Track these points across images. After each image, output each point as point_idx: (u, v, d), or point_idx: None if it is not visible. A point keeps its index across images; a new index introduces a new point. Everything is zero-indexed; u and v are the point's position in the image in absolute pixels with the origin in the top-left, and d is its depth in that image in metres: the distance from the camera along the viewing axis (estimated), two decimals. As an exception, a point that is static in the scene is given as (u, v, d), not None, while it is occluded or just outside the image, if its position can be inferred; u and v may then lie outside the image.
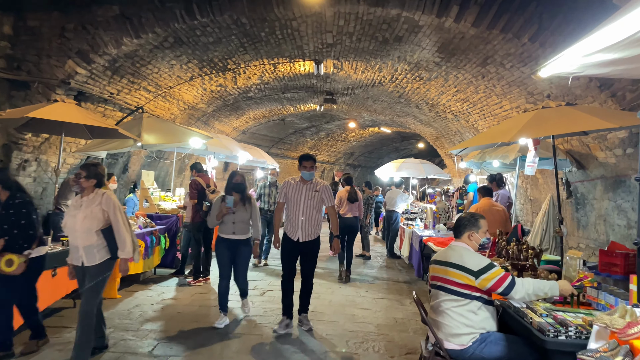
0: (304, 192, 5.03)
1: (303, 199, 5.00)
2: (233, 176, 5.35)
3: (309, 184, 5.11)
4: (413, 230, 8.18)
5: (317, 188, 5.09)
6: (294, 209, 5.02)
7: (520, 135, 4.81)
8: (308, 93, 12.59)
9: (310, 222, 5.03)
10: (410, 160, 13.61)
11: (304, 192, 5.04)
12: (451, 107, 10.38)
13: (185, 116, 11.29)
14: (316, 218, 5.10)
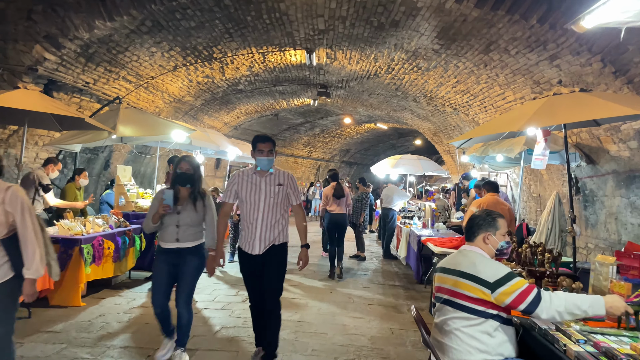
0: (264, 188, 3.71)
1: (263, 197, 3.70)
2: (178, 163, 3.92)
3: (269, 176, 3.75)
4: (410, 229, 7.68)
5: (280, 181, 3.78)
6: (250, 212, 3.70)
7: (530, 124, 4.31)
8: (301, 86, 12.07)
9: (273, 229, 3.74)
10: (408, 157, 13.09)
11: (264, 187, 3.71)
12: (450, 99, 9.88)
13: (171, 110, 10.74)
14: (281, 222, 3.82)
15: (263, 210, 3.70)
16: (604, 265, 2.65)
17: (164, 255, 3.85)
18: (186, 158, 3.95)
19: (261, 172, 3.77)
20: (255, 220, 3.70)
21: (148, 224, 3.86)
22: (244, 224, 3.78)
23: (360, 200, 9.30)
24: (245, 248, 3.75)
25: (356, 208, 9.25)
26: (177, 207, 3.80)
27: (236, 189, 3.77)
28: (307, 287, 6.54)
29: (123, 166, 7.59)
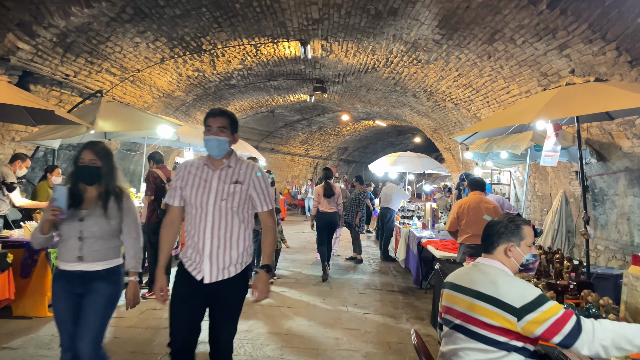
0: (215, 186, 2.64)
1: (212, 199, 2.63)
2: (79, 153, 2.85)
3: (225, 170, 2.68)
4: (410, 230, 7.28)
5: (238, 177, 2.67)
6: (196, 219, 2.65)
7: (542, 116, 3.91)
8: (296, 81, 11.65)
9: (231, 248, 2.64)
10: (407, 154, 12.68)
11: (215, 185, 2.64)
12: (451, 94, 9.47)
13: (160, 105, 10.33)
14: (243, 238, 2.70)
15: (213, 217, 2.59)
16: (638, 278, 2.23)
17: (62, 281, 2.74)
18: (91, 145, 2.86)
19: (214, 161, 2.68)
20: (203, 233, 2.59)
21: (35, 236, 2.75)
22: (189, 233, 2.68)
23: (356, 200, 8.88)
24: (189, 267, 2.62)
25: (352, 208, 8.83)
26: (81, 211, 2.73)
27: (180, 184, 2.71)
28: (297, 294, 6.10)
29: None
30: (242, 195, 2.67)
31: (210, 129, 2.65)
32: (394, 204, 8.69)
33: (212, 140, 2.63)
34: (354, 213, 8.69)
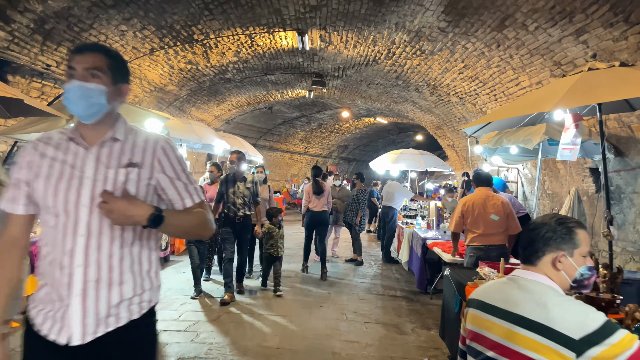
0: (90, 171, 1.57)
1: (88, 193, 1.54)
2: None
3: (109, 145, 1.62)
4: (413, 230, 6.85)
5: (132, 156, 1.62)
6: (57, 230, 1.54)
7: (563, 104, 3.48)
8: (294, 75, 11.23)
9: (115, 272, 1.56)
10: (409, 151, 12.25)
11: (90, 169, 1.57)
12: (456, 87, 9.04)
13: (153, 100, 9.91)
14: (137, 254, 1.61)
15: (88, 229, 1.53)
16: None
17: None
18: None
19: (86, 132, 1.63)
20: (70, 257, 1.52)
21: None
22: (42, 264, 1.60)
23: (356, 198, 8.43)
24: (42, 322, 1.54)
25: (351, 207, 8.40)
26: None
27: (26, 179, 1.60)
28: (291, 301, 5.58)
29: None
30: (141, 186, 1.61)
31: (75, 72, 1.55)
32: (396, 202, 8.26)
33: (75, 89, 1.54)
34: (354, 212, 8.26)
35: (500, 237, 4.31)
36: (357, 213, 8.13)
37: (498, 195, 4.49)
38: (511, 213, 4.38)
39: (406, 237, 6.94)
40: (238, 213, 5.76)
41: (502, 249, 4.29)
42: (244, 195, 5.79)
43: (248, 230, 6.00)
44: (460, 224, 4.44)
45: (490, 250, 4.22)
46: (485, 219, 4.19)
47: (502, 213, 4.37)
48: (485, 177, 4.65)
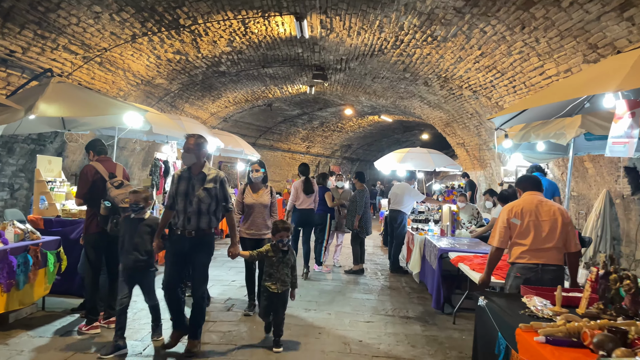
0: None
1: None
2: None
3: None
4: (426, 237, 6.06)
5: None
6: None
7: (631, 82, 2.71)
8: (294, 69, 10.46)
9: None
10: (416, 150, 11.45)
11: None
12: (470, 79, 8.25)
13: (140, 94, 9.16)
14: None
15: None
16: None
17: None
18: None
19: None
20: None
21: None
22: None
23: (353, 201, 7.56)
24: None
25: (350, 210, 7.65)
26: None
27: None
28: (285, 325, 4.25)
29: (47, 157, 5.97)
30: None
31: None
32: (405, 206, 7.46)
33: None
34: (352, 216, 7.45)
35: (557, 254, 3.36)
36: (355, 216, 7.33)
37: (551, 201, 3.63)
38: (571, 224, 3.47)
39: (417, 246, 6.15)
40: (187, 226, 3.89)
41: (559, 271, 3.37)
42: (200, 200, 3.90)
43: (206, 252, 4.04)
44: (506, 237, 3.44)
45: (543, 272, 3.29)
46: (538, 229, 3.35)
47: (560, 223, 3.40)
48: (535, 181, 3.73)
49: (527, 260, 3.33)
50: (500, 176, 10.36)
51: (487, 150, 10.75)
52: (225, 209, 4.06)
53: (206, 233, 3.95)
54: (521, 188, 3.73)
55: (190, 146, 3.99)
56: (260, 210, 5.13)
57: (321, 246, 7.31)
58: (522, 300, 2.63)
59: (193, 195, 3.89)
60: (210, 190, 3.92)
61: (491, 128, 9.78)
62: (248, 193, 5.24)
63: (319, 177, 7.95)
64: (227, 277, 6.77)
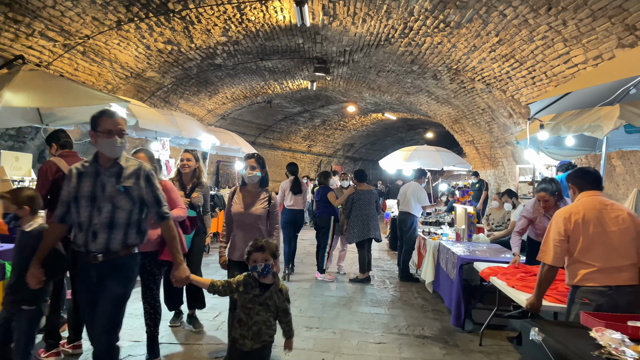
0: None
1: None
2: None
3: None
4: (440, 243, 5.45)
5: None
6: None
7: None
8: (294, 61, 9.88)
9: None
10: (423, 148, 10.87)
11: None
12: (484, 70, 7.66)
13: (130, 88, 8.59)
14: None
15: None
16: None
17: None
18: None
19: None
20: None
21: None
22: None
23: (349, 201, 6.85)
24: None
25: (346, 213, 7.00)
26: None
27: None
28: (278, 348, 3.35)
29: (13, 153, 5.39)
30: None
31: None
32: (415, 207, 6.86)
33: None
34: (348, 220, 6.85)
35: (633, 272, 2.66)
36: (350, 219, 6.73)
37: (618, 204, 2.93)
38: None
39: (430, 252, 5.55)
40: (91, 246, 2.65)
41: (638, 293, 2.65)
42: (114, 206, 2.67)
43: (119, 282, 2.70)
44: (563, 254, 2.72)
45: (619, 295, 2.58)
46: (606, 242, 2.65)
47: (633, 232, 2.70)
48: (594, 176, 2.95)
49: (597, 282, 2.63)
50: (514, 175, 9.76)
51: (499, 148, 10.15)
52: (159, 216, 2.77)
53: (121, 256, 2.69)
54: (577, 186, 2.95)
55: (113, 128, 2.67)
56: (252, 224, 3.53)
57: (324, 252, 6.70)
58: (590, 334, 2.03)
59: (103, 199, 2.65)
60: (130, 190, 2.68)
61: (504, 124, 9.18)
62: (237, 198, 3.64)
63: (320, 176, 7.32)
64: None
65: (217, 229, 9.61)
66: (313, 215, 7.47)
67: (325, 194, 6.88)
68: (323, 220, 6.79)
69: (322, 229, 6.83)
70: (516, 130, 8.73)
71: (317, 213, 6.91)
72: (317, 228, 7.00)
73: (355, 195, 6.88)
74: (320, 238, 6.84)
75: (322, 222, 6.81)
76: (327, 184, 7.09)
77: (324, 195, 6.87)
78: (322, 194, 6.91)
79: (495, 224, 6.25)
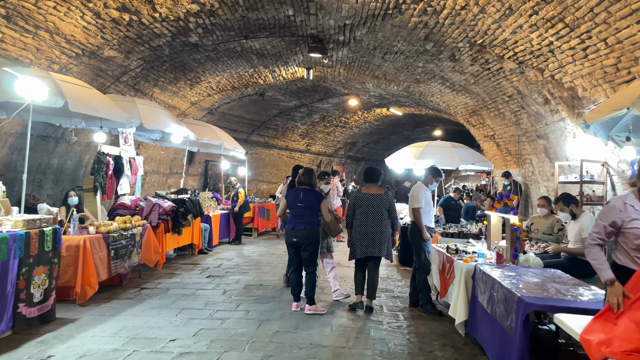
0: None
1: None
2: None
3: None
4: (477, 267, 3.93)
5: None
6: None
7: None
8: (285, 41, 8.40)
9: None
10: (437, 144, 9.37)
11: None
12: (518, 44, 6.15)
13: (85, 70, 7.12)
14: None
15: None
16: None
17: None
18: None
19: None
20: None
21: None
22: None
23: (351, 208, 5.55)
24: None
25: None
26: None
27: None
28: None
29: None
30: None
31: None
32: (425, 216, 5.26)
33: None
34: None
35: None
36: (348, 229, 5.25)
37: None
38: None
39: (461, 279, 4.02)
40: None
41: None
42: None
43: None
44: None
45: None
46: None
47: None
48: None
49: None
50: (545, 175, 8.24)
51: (527, 143, 8.63)
52: None
53: None
54: None
55: None
56: None
57: (314, 276, 5.16)
58: None
59: None
60: None
61: (537, 113, 7.66)
62: None
63: (304, 174, 5.51)
64: (166, 331, 4.43)
65: (192, 239, 8.10)
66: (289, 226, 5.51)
67: (314, 201, 5.30)
68: (309, 235, 5.22)
69: (307, 246, 5.26)
70: (552, 121, 7.21)
71: (299, 224, 5.25)
72: (297, 245, 5.31)
73: (358, 199, 5.41)
74: (308, 259, 5.26)
75: (308, 238, 5.25)
76: (312, 184, 5.43)
77: (313, 201, 5.32)
78: (310, 200, 5.34)
79: (546, 233, 4.68)
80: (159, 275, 6.79)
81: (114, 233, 5.20)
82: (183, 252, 8.62)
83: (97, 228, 5.00)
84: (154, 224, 6.52)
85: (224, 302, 5.47)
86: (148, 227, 6.18)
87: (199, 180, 14.62)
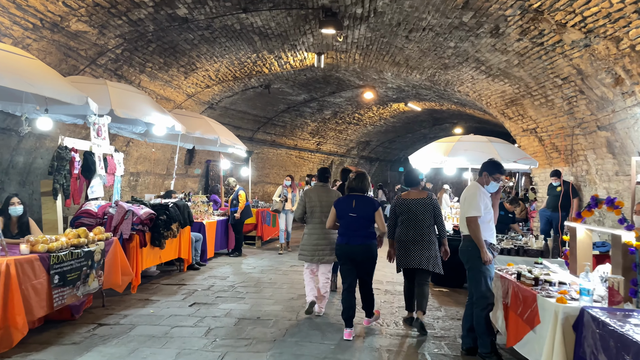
0: None
1: None
2: None
3: None
4: (586, 311, 2.55)
5: None
6: None
7: None
8: (292, 17, 7.11)
9: None
10: (471, 138, 7.97)
11: None
12: (588, 5, 4.77)
13: (49, 47, 5.88)
14: None
15: None
16: None
17: None
18: None
19: None
20: None
21: None
22: None
23: (392, 216, 4.91)
24: None
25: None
26: None
27: None
28: None
29: None
30: None
31: None
32: (487, 226, 3.93)
33: None
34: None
35: None
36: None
37: None
38: None
39: (557, 329, 2.65)
40: None
41: None
42: None
43: None
44: None
45: None
46: None
47: None
48: None
49: None
50: (606, 174, 6.82)
51: (583, 136, 7.21)
52: None
53: None
54: None
55: None
56: None
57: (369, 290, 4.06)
58: None
59: None
60: None
61: (602, 97, 6.24)
62: None
63: (355, 179, 4.76)
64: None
65: (179, 253, 6.80)
66: None
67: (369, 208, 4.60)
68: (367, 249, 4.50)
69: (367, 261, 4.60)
70: (624, 106, 5.80)
71: (354, 237, 4.54)
72: (353, 260, 4.60)
73: (398, 206, 4.84)
74: (366, 275, 4.63)
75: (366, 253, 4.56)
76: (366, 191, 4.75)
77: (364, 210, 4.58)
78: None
79: None
80: (128, 303, 5.35)
81: (59, 252, 3.85)
82: (170, 268, 7.29)
83: (32, 246, 3.68)
84: (126, 236, 5.20)
85: (204, 349, 4.00)
86: (114, 241, 4.81)
87: (200, 182, 13.37)
